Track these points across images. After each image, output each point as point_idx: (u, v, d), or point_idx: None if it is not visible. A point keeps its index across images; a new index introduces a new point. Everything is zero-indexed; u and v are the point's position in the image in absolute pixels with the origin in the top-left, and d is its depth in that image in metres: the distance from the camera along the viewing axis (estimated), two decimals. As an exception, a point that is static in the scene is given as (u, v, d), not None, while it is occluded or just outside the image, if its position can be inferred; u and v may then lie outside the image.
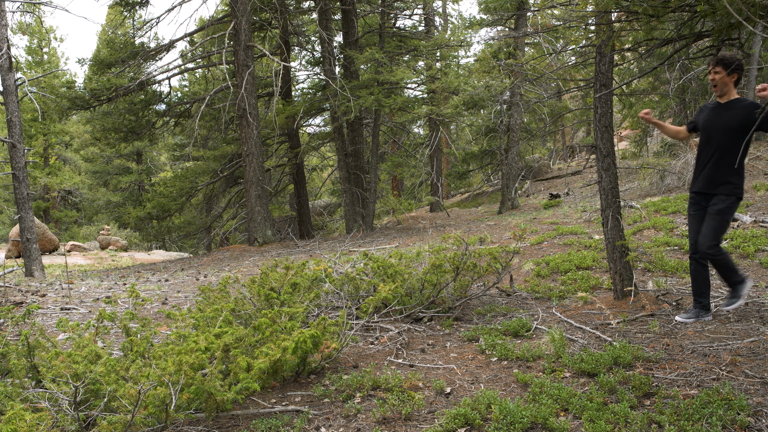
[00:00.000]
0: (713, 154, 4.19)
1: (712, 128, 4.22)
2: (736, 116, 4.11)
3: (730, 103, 4.19)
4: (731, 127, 4.11)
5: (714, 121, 4.22)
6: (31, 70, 28.65)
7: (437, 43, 14.98)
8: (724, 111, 4.19)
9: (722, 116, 4.18)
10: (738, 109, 4.12)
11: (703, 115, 4.34)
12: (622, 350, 3.59)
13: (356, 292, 5.18)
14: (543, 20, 15.34)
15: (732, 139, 4.13)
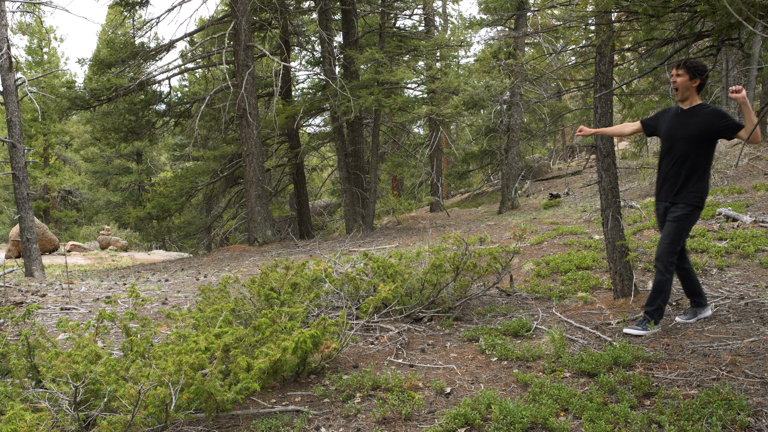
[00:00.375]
0: (676, 163, 4.06)
1: (674, 136, 4.08)
2: (700, 123, 3.97)
3: (692, 110, 4.05)
4: (694, 134, 3.98)
5: (676, 129, 4.08)
6: (31, 70, 28.65)
7: (437, 43, 14.98)
8: (687, 118, 4.05)
9: (685, 123, 4.04)
10: (701, 116, 3.99)
11: (665, 122, 4.20)
12: (622, 350, 3.59)
13: (356, 292, 5.18)
14: (543, 20, 15.34)
15: (695, 147, 3.99)
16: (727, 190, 9.52)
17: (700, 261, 6.01)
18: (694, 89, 4.01)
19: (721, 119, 3.89)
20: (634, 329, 4.08)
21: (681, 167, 4.04)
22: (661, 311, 4.09)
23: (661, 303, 4.06)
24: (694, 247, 6.49)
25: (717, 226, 7.36)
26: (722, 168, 11.58)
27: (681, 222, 4.00)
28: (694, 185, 4.01)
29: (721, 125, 3.88)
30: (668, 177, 4.10)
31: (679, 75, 4.01)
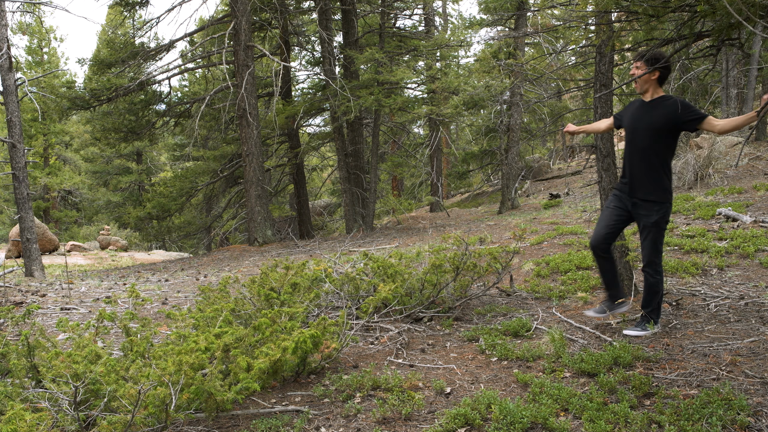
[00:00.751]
0: (638, 157, 3.96)
1: (636, 128, 3.99)
2: (662, 115, 3.88)
3: (655, 102, 3.95)
4: (656, 127, 3.88)
5: (638, 121, 3.98)
6: (31, 70, 28.66)
7: (437, 43, 14.98)
8: (650, 110, 3.95)
9: (647, 115, 3.95)
10: (663, 108, 3.88)
11: (629, 114, 4.11)
12: (622, 350, 3.59)
13: (356, 292, 5.18)
14: (543, 20, 15.34)
15: (657, 139, 3.90)
16: (727, 190, 9.52)
17: (700, 261, 6.01)
18: (654, 82, 3.93)
19: (685, 110, 3.79)
20: (634, 330, 4.07)
21: (644, 160, 3.94)
22: (658, 311, 4.08)
23: (658, 303, 4.04)
24: (694, 247, 6.49)
25: (717, 226, 7.36)
26: (722, 168, 11.58)
27: (659, 224, 3.92)
28: (661, 181, 3.91)
29: (684, 116, 3.79)
30: (633, 170, 4.00)
31: (638, 68, 3.95)
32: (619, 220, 4.07)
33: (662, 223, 3.91)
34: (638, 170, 3.95)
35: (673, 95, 3.92)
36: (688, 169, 11.17)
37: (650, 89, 3.97)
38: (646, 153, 3.92)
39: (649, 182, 3.91)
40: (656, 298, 4.01)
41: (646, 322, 4.07)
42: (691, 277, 5.67)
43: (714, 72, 16.54)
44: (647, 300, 4.06)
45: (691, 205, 8.78)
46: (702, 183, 10.81)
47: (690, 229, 7.32)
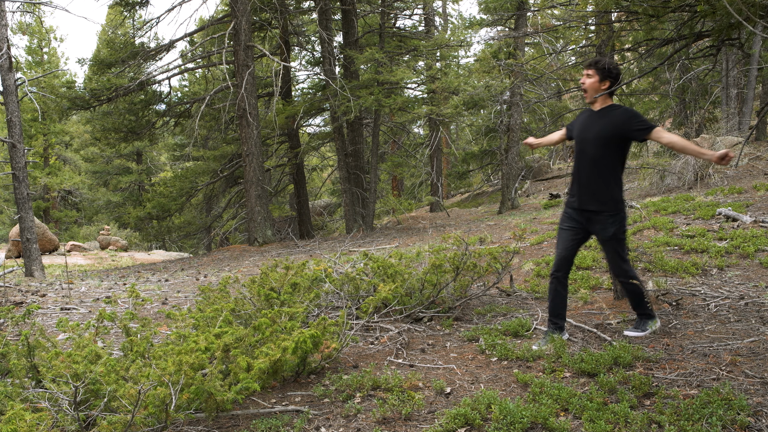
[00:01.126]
0: (588, 167, 3.82)
1: (585, 139, 3.86)
2: (609, 124, 3.76)
3: (603, 111, 3.84)
4: (604, 136, 3.76)
5: (587, 131, 3.86)
6: (31, 70, 28.66)
7: (437, 43, 14.98)
8: (598, 119, 3.84)
9: (595, 125, 3.83)
10: (611, 118, 3.78)
11: (578, 124, 4.00)
12: (622, 350, 3.59)
13: (356, 292, 5.18)
14: (543, 20, 15.35)
15: (606, 150, 3.77)
16: (727, 190, 9.52)
17: (700, 261, 6.01)
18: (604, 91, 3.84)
19: (632, 119, 3.70)
20: (634, 331, 4.06)
21: (593, 171, 3.81)
22: (650, 305, 4.09)
23: (646, 300, 4.05)
24: (694, 247, 6.49)
25: (717, 226, 7.36)
26: (722, 168, 11.58)
27: (617, 237, 3.83)
28: (610, 191, 3.79)
29: (632, 126, 3.69)
30: (583, 182, 3.86)
31: (588, 76, 3.84)
32: (576, 239, 3.95)
33: (620, 234, 3.83)
34: (588, 182, 3.82)
35: (622, 105, 3.82)
36: (688, 169, 11.17)
37: (599, 99, 3.86)
38: (596, 164, 3.79)
39: (600, 194, 3.80)
40: (642, 297, 4.01)
41: (645, 321, 4.07)
42: (691, 277, 5.67)
43: (714, 72, 16.54)
44: (635, 303, 4.06)
45: (691, 205, 8.78)
46: (702, 183, 10.81)
47: (690, 229, 7.32)
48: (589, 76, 3.81)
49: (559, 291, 3.97)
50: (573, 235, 3.92)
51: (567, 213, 3.98)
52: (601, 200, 3.79)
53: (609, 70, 3.76)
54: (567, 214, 3.98)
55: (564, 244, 3.93)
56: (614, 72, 3.77)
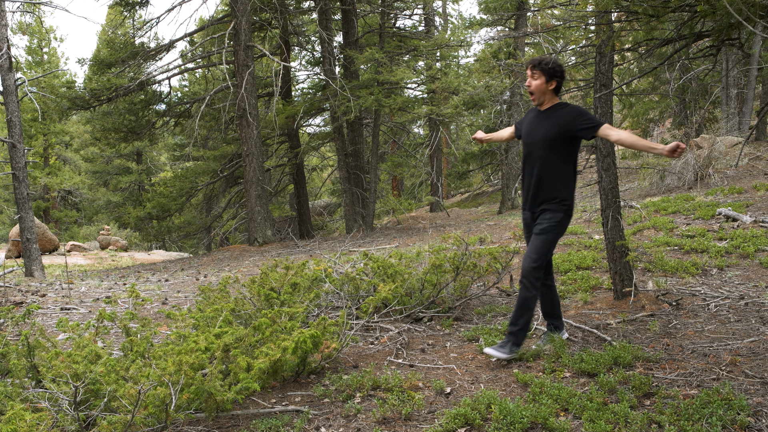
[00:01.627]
0: (535, 169, 3.68)
1: (532, 141, 3.73)
2: (556, 124, 3.62)
3: (550, 110, 3.70)
4: (551, 137, 3.62)
5: (534, 132, 3.73)
6: (31, 70, 28.66)
7: (437, 43, 14.98)
8: (544, 119, 3.70)
9: (542, 126, 3.69)
10: (558, 117, 3.64)
11: (525, 124, 3.85)
12: (622, 350, 3.59)
13: (356, 292, 5.18)
14: (543, 20, 15.34)
15: (554, 150, 3.63)
16: (727, 190, 9.52)
17: (700, 261, 6.01)
18: (550, 92, 3.69)
19: (578, 118, 3.57)
20: (497, 351, 3.63)
21: (542, 172, 3.67)
22: (525, 331, 3.68)
23: (526, 322, 3.65)
24: (694, 247, 6.49)
25: (717, 226, 7.36)
26: (722, 168, 11.58)
27: (548, 234, 3.62)
28: (559, 191, 3.64)
29: (578, 125, 3.56)
30: (531, 183, 3.73)
31: (534, 77, 3.66)
32: None
33: (551, 233, 3.61)
34: (536, 182, 3.69)
35: (570, 103, 3.69)
36: (688, 169, 11.17)
37: (546, 99, 3.72)
38: (543, 164, 3.66)
39: (547, 193, 3.66)
40: (525, 314, 3.62)
41: (511, 344, 3.63)
42: (691, 277, 5.67)
43: (714, 72, 16.54)
44: (516, 316, 3.64)
45: (691, 205, 8.78)
46: (702, 183, 10.81)
47: (690, 229, 7.32)
48: (535, 77, 3.65)
49: (544, 293, 3.88)
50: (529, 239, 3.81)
51: (524, 220, 3.86)
52: (547, 199, 3.67)
53: (554, 69, 3.62)
54: (524, 222, 3.87)
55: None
56: (559, 71, 3.63)
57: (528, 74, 3.69)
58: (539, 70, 3.62)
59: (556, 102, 3.72)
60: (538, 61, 3.63)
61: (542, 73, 3.62)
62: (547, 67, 3.61)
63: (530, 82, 3.67)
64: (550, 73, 3.62)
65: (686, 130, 17.04)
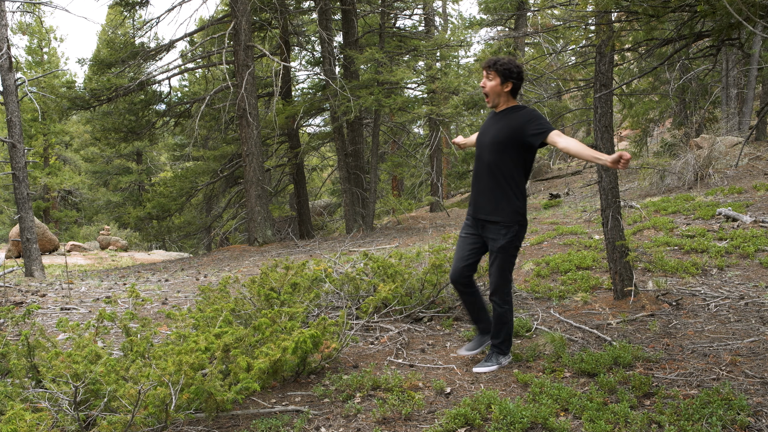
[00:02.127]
0: (485, 174, 3.49)
1: (482, 143, 3.54)
2: (506, 128, 3.43)
3: (504, 113, 3.50)
4: (500, 140, 3.42)
5: (485, 135, 3.54)
6: (31, 70, 28.66)
7: (437, 43, 14.98)
8: (497, 122, 3.50)
9: (493, 128, 3.49)
10: (510, 120, 3.44)
11: (483, 126, 3.68)
12: (622, 350, 3.59)
13: (356, 292, 5.18)
14: (543, 20, 15.34)
15: (503, 154, 3.42)
16: (727, 190, 9.52)
17: (700, 261, 6.01)
18: (506, 93, 3.47)
19: (530, 123, 3.37)
20: (485, 366, 3.60)
21: (490, 176, 3.47)
22: (509, 342, 3.67)
23: (508, 334, 3.64)
24: (694, 247, 6.49)
25: (717, 226, 7.36)
26: (722, 168, 11.58)
27: (507, 251, 3.47)
28: (507, 198, 3.44)
29: (529, 130, 3.36)
30: (479, 188, 3.53)
31: (488, 78, 3.46)
32: (474, 249, 3.62)
33: (510, 249, 3.47)
34: (484, 188, 3.50)
35: (527, 106, 3.50)
36: (688, 169, 11.16)
37: (501, 101, 3.51)
38: (491, 169, 3.45)
39: (495, 201, 3.46)
40: (505, 328, 3.60)
41: (497, 355, 3.64)
42: (691, 277, 5.67)
43: (714, 72, 16.54)
44: (496, 331, 3.62)
45: (691, 205, 8.78)
46: (702, 183, 10.81)
47: (690, 229, 7.32)
48: (489, 78, 3.44)
49: (465, 298, 3.72)
50: (471, 243, 3.62)
51: (466, 221, 3.69)
52: (496, 208, 3.45)
53: (510, 70, 3.42)
54: (466, 223, 3.68)
55: (461, 253, 3.63)
56: (515, 72, 3.42)
57: (483, 74, 3.50)
58: (494, 70, 3.43)
59: (513, 104, 3.51)
60: (493, 62, 3.44)
61: (497, 74, 3.42)
62: (502, 68, 3.41)
63: (485, 83, 3.47)
64: (505, 74, 3.41)
65: (686, 130, 17.04)
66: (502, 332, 3.61)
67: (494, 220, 3.46)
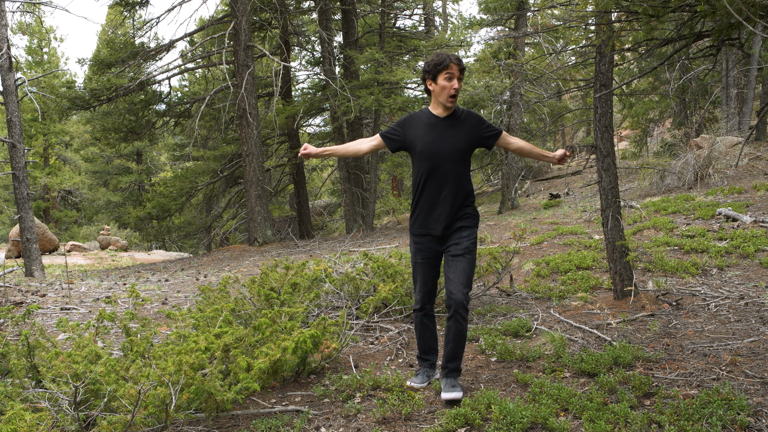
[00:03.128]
0: (447, 186, 3.15)
1: (438, 152, 3.13)
2: (464, 133, 3.16)
3: (452, 117, 3.18)
4: (460, 148, 3.14)
5: (439, 143, 3.14)
6: (31, 70, 28.66)
7: (437, 43, 14.97)
8: (450, 128, 3.17)
9: (449, 135, 3.15)
10: (463, 124, 3.18)
11: (419, 135, 3.20)
12: (622, 350, 3.59)
13: (356, 292, 5.18)
14: (543, 20, 15.34)
15: (464, 162, 3.18)
16: (727, 190, 9.52)
17: (700, 261, 6.01)
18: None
19: (481, 125, 3.21)
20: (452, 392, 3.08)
21: (452, 187, 3.16)
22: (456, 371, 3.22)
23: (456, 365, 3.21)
24: (694, 247, 6.49)
25: (717, 226, 7.36)
26: (722, 168, 11.58)
27: (472, 253, 3.16)
28: (470, 205, 3.22)
29: (483, 133, 3.19)
30: (440, 204, 3.16)
31: (460, 79, 3.10)
32: (436, 269, 3.32)
33: (474, 250, 3.18)
34: (451, 204, 3.16)
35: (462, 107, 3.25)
36: (688, 169, 11.17)
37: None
38: (455, 180, 3.16)
39: (460, 210, 3.18)
40: (464, 345, 3.21)
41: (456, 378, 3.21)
42: (691, 277, 5.67)
43: (714, 72, 16.55)
44: (457, 349, 3.17)
45: (691, 205, 8.79)
46: (702, 183, 10.81)
47: (690, 229, 7.32)
48: (460, 79, 3.11)
49: (427, 324, 3.38)
50: (431, 266, 3.28)
51: (418, 245, 3.26)
52: (461, 216, 3.19)
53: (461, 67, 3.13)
54: (420, 245, 3.26)
55: (424, 278, 3.29)
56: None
57: (455, 75, 3.09)
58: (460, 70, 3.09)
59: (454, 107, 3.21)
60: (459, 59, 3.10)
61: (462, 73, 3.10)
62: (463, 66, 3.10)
63: (458, 84, 3.09)
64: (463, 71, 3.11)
65: (686, 130, 17.04)
66: (462, 351, 3.20)
67: (461, 225, 3.18)
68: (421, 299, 3.33)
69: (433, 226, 3.19)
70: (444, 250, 3.22)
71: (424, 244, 3.25)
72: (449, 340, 3.15)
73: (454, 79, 3.08)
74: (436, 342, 3.44)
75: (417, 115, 3.27)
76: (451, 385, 3.11)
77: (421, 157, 3.19)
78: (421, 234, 3.25)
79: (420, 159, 3.19)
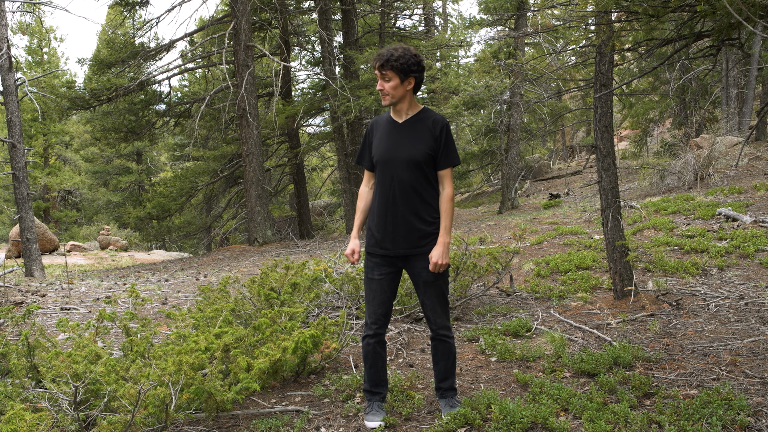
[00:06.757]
0: (401, 198, 2.80)
1: (391, 160, 2.82)
2: (422, 140, 2.81)
3: (412, 122, 2.86)
4: (415, 157, 2.78)
5: (394, 150, 2.83)
6: (31, 70, 28.66)
7: (437, 43, 14.98)
8: (406, 134, 2.84)
9: (404, 141, 2.83)
10: (424, 133, 2.82)
11: (376, 140, 2.91)
12: (622, 350, 3.59)
13: (356, 292, 5.18)
14: (543, 20, 15.33)
15: (422, 172, 2.81)
16: (727, 190, 9.52)
17: (700, 261, 6.01)
18: (409, 93, 2.86)
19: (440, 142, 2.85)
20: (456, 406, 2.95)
21: (413, 204, 2.81)
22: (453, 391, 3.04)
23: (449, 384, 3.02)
24: (694, 247, 6.49)
25: (717, 226, 7.36)
26: (722, 168, 11.58)
27: (446, 275, 2.89)
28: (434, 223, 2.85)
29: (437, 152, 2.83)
30: (395, 217, 2.81)
31: (386, 79, 2.79)
32: (393, 286, 2.94)
33: (447, 273, 2.92)
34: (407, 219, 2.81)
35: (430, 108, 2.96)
36: (688, 169, 11.16)
37: (405, 103, 2.88)
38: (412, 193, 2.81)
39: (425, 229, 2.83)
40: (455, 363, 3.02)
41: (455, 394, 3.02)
42: (691, 277, 5.67)
43: (714, 72, 16.54)
44: (449, 371, 2.99)
45: (691, 205, 8.78)
46: (702, 183, 10.81)
47: (690, 229, 7.32)
48: (387, 78, 2.78)
49: (379, 353, 2.97)
50: (389, 283, 2.91)
51: (374, 261, 2.90)
52: (424, 235, 2.84)
53: (409, 62, 2.79)
54: (375, 263, 2.90)
55: (380, 298, 2.89)
56: (414, 64, 2.82)
57: (377, 75, 2.82)
58: (390, 70, 2.76)
59: (418, 108, 2.92)
60: (386, 58, 2.76)
61: (395, 72, 2.77)
62: (398, 63, 2.76)
63: (382, 86, 2.80)
64: (404, 69, 2.77)
65: (686, 130, 17.04)
66: (455, 368, 3.01)
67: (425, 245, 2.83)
68: (373, 323, 2.92)
69: (387, 243, 2.85)
70: (411, 271, 2.90)
71: (378, 262, 2.90)
72: (438, 359, 2.96)
73: (379, 81, 2.82)
74: (386, 372, 3.05)
75: (379, 119, 2.98)
76: (450, 406, 2.94)
77: (377, 165, 2.88)
78: (374, 252, 2.90)
79: (377, 167, 2.89)
